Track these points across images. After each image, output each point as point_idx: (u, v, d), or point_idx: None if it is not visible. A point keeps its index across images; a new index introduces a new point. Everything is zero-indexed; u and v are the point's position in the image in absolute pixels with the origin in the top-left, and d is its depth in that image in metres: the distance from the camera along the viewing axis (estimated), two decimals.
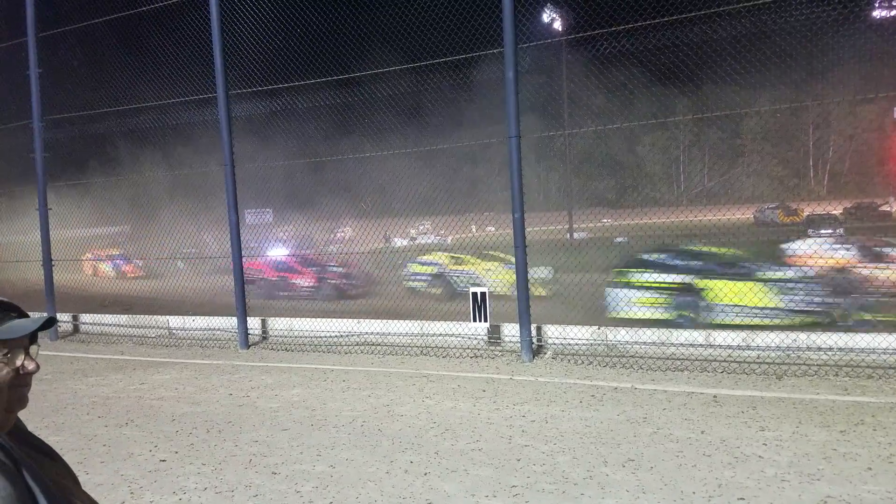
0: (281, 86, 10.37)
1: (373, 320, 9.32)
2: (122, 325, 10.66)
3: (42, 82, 10.57)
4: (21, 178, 11.98)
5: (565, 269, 19.24)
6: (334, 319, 9.51)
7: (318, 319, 9.55)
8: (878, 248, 9.81)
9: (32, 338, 1.24)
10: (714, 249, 10.38)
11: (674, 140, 74.00)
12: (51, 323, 1.24)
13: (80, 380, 7.75)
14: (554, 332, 8.19)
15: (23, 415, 1.28)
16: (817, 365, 6.51)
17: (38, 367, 1.23)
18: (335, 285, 14.38)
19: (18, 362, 1.19)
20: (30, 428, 1.36)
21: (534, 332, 8.04)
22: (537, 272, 17.77)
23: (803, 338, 6.82)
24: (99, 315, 11.08)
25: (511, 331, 8.25)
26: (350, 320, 9.40)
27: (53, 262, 10.65)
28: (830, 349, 6.58)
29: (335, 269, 14.44)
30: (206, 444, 5.21)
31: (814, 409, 5.35)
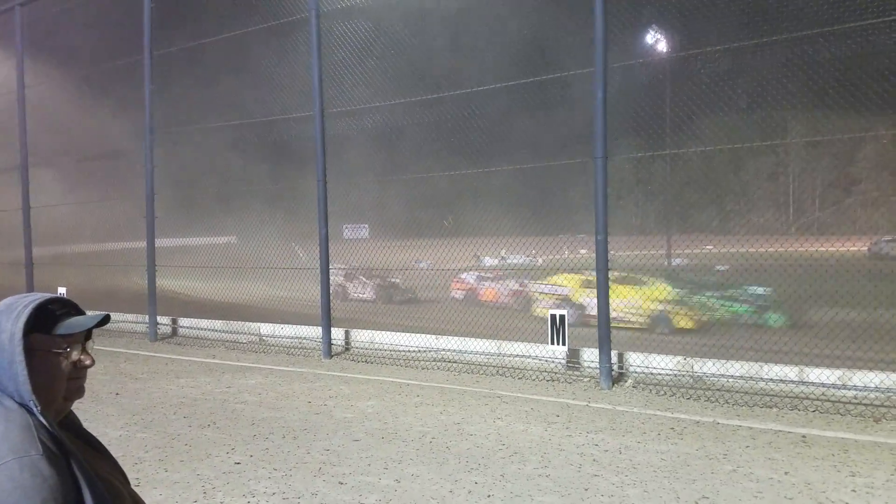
0: (374, 105, 10.73)
1: (451, 337, 9.39)
2: (216, 330, 11.30)
3: (153, 98, 11.48)
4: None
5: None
6: (414, 334, 9.66)
7: (399, 333, 9.72)
8: None
9: (88, 334, 1.36)
10: None
11: (782, 166, 70.23)
12: (106, 320, 1.37)
13: (171, 380, 8.27)
14: (636, 360, 7.94)
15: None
16: None
17: (93, 361, 1.35)
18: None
19: (76, 356, 1.31)
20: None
21: (615, 359, 7.84)
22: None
23: None
24: (196, 319, 11.80)
25: (590, 356, 8.08)
26: (429, 336, 9.51)
27: (157, 268, 11.46)
28: None
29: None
30: (280, 449, 5.43)
31: None
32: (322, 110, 9.64)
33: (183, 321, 11.89)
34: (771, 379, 6.92)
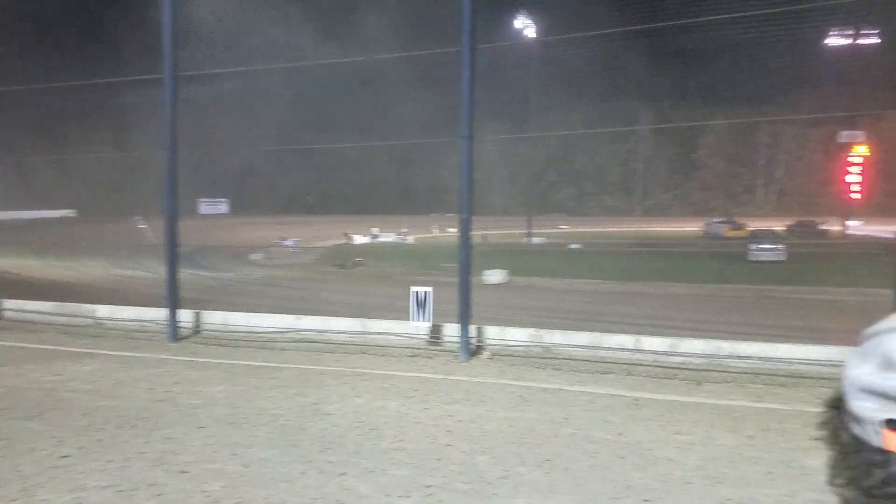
0: (232, 70, 10.13)
1: (313, 317, 9.19)
2: (47, 313, 10.24)
3: None
4: None
5: (522, 273, 19.40)
6: (272, 315, 9.34)
7: (255, 314, 9.36)
8: None
9: None
10: None
11: (633, 152, 75.75)
12: None
13: None
14: (493, 333, 8.22)
15: None
16: (737, 372, 6.70)
17: None
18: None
19: None
20: None
21: (474, 333, 8.06)
22: (492, 275, 17.97)
23: (726, 345, 7.01)
24: (23, 301, 10.63)
25: (453, 331, 8.24)
26: (289, 316, 9.25)
27: None
28: (750, 357, 6.77)
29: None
30: (115, 440, 5.03)
31: (727, 415, 5.49)
32: (174, 73, 8.91)
33: (7, 303, 10.66)
34: (611, 347, 7.46)
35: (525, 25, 35.81)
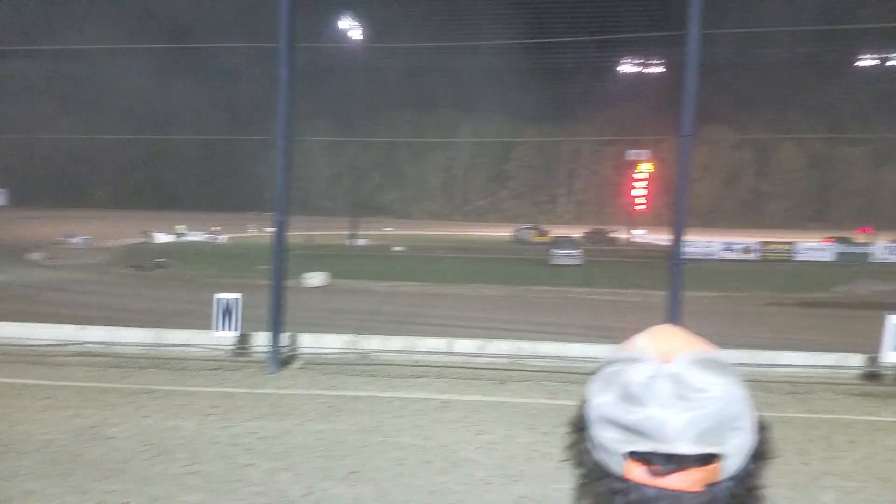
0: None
1: (98, 327, 8.23)
2: None
3: None
4: None
5: (345, 276, 19.10)
6: (49, 325, 8.22)
7: (28, 324, 8.17)
8: None
9: None
10: None
11: (454, 160, 78.87)
12: None
13: None
14: (308, 341, 7.96)
15: None
16: (536, 371, 7.16)
17: None
18: None
19: None
20: None
21: (287, 341, 7.73)
22: (312, 278, 17.48)
23: (527, 346, 7.46)
24: None
25: (263, 340, 7.83)
26: (69, 326, 8.19)
27: None
28: (547, 356, 7.28)
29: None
30: None
31: (526, 413, 5.82)
32: None
33: None
34: (425, 351, 7.58)
35: (351, 27, 35.56)
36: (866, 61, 38.83)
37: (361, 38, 35.40)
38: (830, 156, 66.98)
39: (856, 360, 7.02)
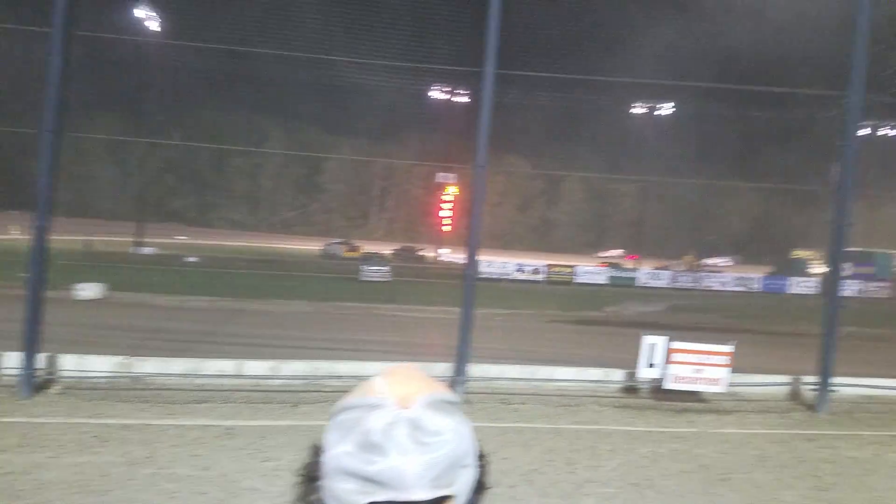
0: None
1: None
2: None
3: None
4: None
5: (125, 288, 17.25)
6: None
7: None
8: None
9: None
10: None
11: (261, 167, 75.83)
12: None
13: None
14: (70, 363, 7.03)
15: None
16: (332, 391, 7.04)
17: None
18: None
19: None
20: None
21: (44, 363, 6.76)
22: (85, 290, 15.49)
23: (324, 366, 7.32)
24: None
25: (14, 361, 6.76)
26: None
27: None
28: (344, 377, 7.21)
29: None
30: None
31: (317, 435, 5.66)
32: None
33: None
34: (210, 374, 7.09)
35: (148, 17, 32.74)
36: (638, 109, 44.76)
37: (159, 29, 32.80)
38: (607, 191, 75.99)
39: (618, 374, 7.89)
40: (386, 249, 44.29)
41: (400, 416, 0.66)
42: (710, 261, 55.13)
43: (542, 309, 20.81)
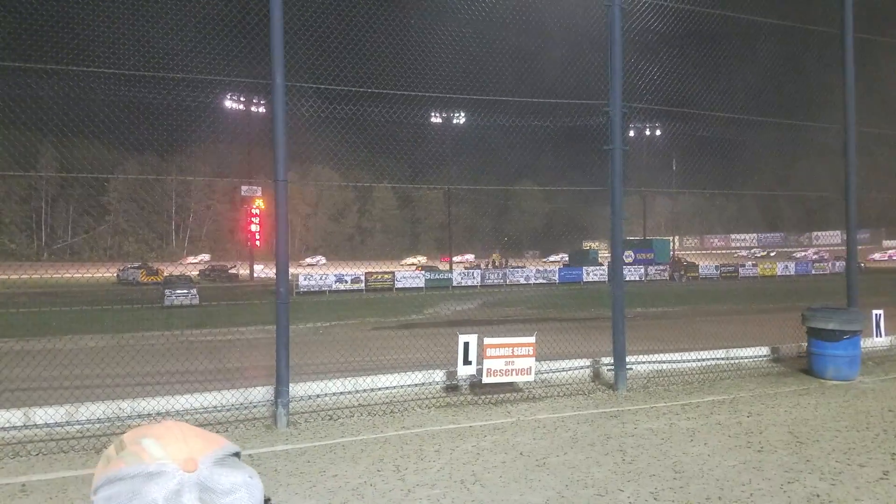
0: None
1: None
2: None
3: None
4: None
5: None
6: None
7: None
8: None
9: None
10: None
11: (35, 189, 66.71)
12: None
13: None
14: None
15: None
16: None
17: None
18: None
19: None
20: None
21: None
22: None
23: (126, 405, 6.74)
24: None
25: None
26: None
27: None
28: (150, 415, 6.71)
29: None
30: None
31: None
32: None
33: None
34: None
35: None
36: (436, 119, 46.86)
37: None
38: (415, 198, 78.40)
39: (439, 375, 8.24)
40: (192, 270, 41.45)
41: (186, 481, 0.62)
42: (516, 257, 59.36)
43: (364, 317, 20.95)
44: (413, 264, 54.09)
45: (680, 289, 34.69)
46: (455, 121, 46.35)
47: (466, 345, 7.67)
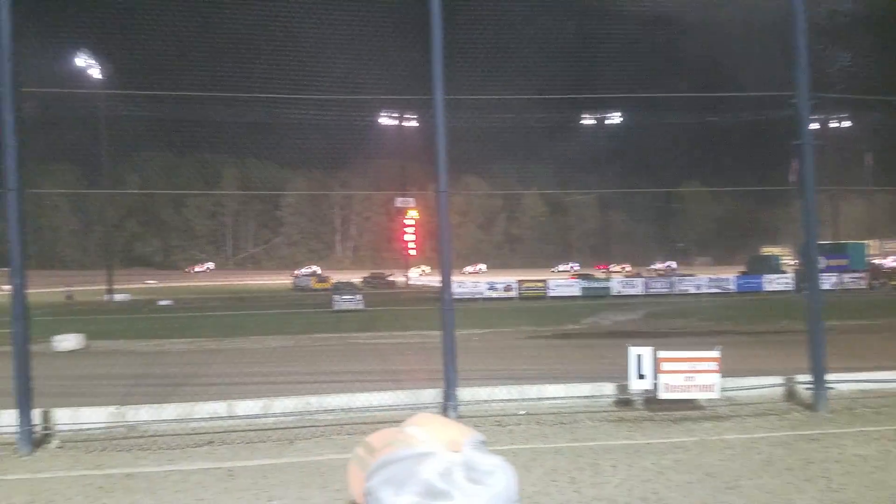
0: None
1: None
2: None
3: None
4: None
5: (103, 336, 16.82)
6: None
7: None
8: None
9: None
10: None
11: (221, 206, 74.98)
12: None
13: None
14: (65, 417, 6.92)
15: None
16: (325, 425, 7.02)
17: None
18: None
19: None
20: None
21: (39, 419, 6.65)
22: (64, 341, 15.04)
23: (314, 400, 7.31)
24: None
25: (10, 418, 6.59)
26: None
27: None
28: (335, 410, 7.22)
29: None
30: None
31: (317, 471, 5.64)
32: None
33: None
34: (203, 417, 7.03)
35: (89, 66, 32.22)
36: (588, 121, 45.56)
37: (101, 76, 32.25)
38: (565, 204, 76.91)
39: (609, 388, 7.92)
40: (355, 278, 44.05)
41: (454, 461, 0.69)
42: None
43: (518, 326, 20.96)
44: (565, 272, 53.21)
45: (881, 299, 30.65)
46: (608, 121, 45.07)
47: (639, 357, 7.37)
